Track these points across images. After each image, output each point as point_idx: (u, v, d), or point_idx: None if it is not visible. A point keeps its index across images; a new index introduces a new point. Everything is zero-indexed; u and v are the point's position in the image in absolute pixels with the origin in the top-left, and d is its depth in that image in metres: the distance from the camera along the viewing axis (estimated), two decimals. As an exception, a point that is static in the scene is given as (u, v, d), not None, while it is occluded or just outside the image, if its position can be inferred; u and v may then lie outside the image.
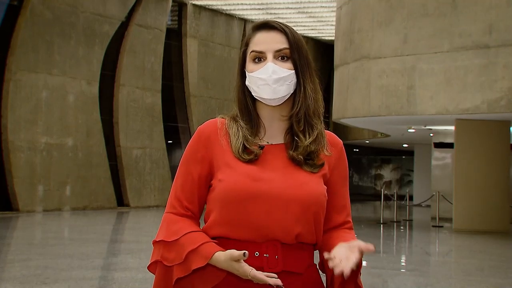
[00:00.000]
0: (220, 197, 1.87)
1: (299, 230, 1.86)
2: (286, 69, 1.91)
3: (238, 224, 1.84)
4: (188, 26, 23.65)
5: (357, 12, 14.82)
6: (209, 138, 1.94)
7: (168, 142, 23.08)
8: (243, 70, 1.98)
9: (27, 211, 17.45)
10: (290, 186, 1.87)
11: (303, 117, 1.93)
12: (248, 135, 1.92)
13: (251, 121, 1.96)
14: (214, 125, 1.97)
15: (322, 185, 1.92)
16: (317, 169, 1.92)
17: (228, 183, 1.86)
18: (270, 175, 1.88)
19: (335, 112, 16.07)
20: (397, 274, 8.58)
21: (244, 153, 1.90)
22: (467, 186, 14.76)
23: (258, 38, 1.94)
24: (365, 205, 28.99)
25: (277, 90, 1.90)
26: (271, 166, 1.90)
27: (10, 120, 17.32)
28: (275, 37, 1.93)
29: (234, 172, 1.88)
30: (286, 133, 1.96)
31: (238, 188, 1.85)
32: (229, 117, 1.99)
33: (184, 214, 1.93)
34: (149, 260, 1.94)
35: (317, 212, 1.88)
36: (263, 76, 1.90)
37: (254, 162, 1.90)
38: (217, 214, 1.88)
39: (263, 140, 1.95)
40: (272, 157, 1.92)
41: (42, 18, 17.95)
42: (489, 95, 12.74)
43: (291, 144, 1.93)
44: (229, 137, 1.93)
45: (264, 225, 1.83)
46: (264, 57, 1.93)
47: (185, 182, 1.94)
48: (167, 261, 1.87)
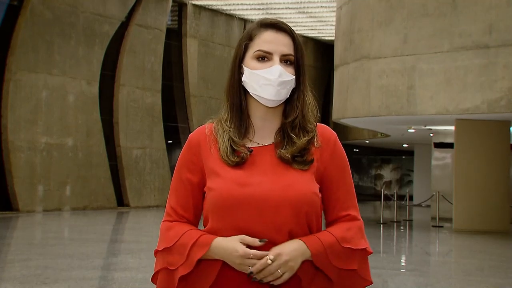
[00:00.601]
0: (211, 205, 1.88)
1: (291, 231, 1.85)
2: (290, 74, 1.92)
3: (231, 230, 1.84)
4: (188, 26, 23.66)
5: (357, 12, 14.82)
6: (199, 146, 1.95)
7: (168, 142, 23.08)
8: (240, 65, 1.97)
9: (27, 211, 17.45)
10: (279, 188, 1.85)
11: (298, 123, 1.93)
12: (235, 137, 1.91)
13: (241, 119, 1.94)
14: (202, 132, 1.97)
15: (313, 183, 1.90)
16: (307, 166, 1.90)
17: (216, 191, 1.87)
18: (258, 179, 1.87)
19: (335, 112, 16.07)
20: (397, 274, 8.58)
21: (232, 155, 1.89)
22: (467, 186, 14.76)
23: (266, 37, 1.93)
24: (365, 205, 28.98)
25: (279, 92, 1.90)
26: (259, 169, 1.89)
27: (10, 120, 17.32)
28: (283, 40, 1.93)
29: (221, 179, 1.88)
30: (277, 133, 1.95)
31: (226, 195, 1.85)
32: (216, 121, 1.99)
33: (178, 221, 1.94)
34: (149, 261, 1.95)
35: (308, 212, 1.87)
36: (270, 77, 1.89)
37: (242, 166, 1.89)
38: (211, 221, 1.89)
39: (252, 142, 1.94)
40: (261, 159, 1.91)
41: (42, 18, 17.95)
42: (489, 95, 12.74)
43: (281, 144, 1.92)
44: (217, 143, 1.93)
45: (256, 229, 1.83)
46: (270, 57, 1.92)
47: (179, 191, 1.95)
48: (172, 265, 1.88)
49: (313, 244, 1.85)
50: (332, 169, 1.96)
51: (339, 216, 1.96)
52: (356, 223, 1.96)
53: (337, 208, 1.96)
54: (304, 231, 1.87)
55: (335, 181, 1.96)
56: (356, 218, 1.97)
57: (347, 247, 1.88)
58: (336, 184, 1.96)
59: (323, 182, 1.94)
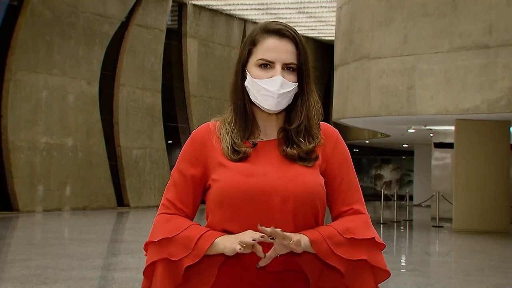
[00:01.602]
0: (217, 196, 1.87)
1: (297, 223, 1.85)
2: (292, 82, 1.91)
3: (236, 222, 1.84)
4: (188, 26, 23.66)
5: (357, 12, 14.82)
6: (204, 141, 1.95)
7: (168, 142, 23.08)
8: (243, 69, 1.96)
9: (27, 211, 17.45)
10: (285, 178, 1.86)
11: (304, 128, 1.93)
12: (237, 139, 1.92)
13: (246, 121, 1.95)
14: (207, 129, 1.98)
15: (317, 176, 1.90)
16: (312, 162, 1.91)
17: (223, 182, 1.86)
18: (264, 170, 1.87)
19: (335, 112, 16.07)
20: (397, 274, 8.58)
21: (233, 154, 1.90)
22: (467, 186, 14.75)
23: (268, 45, 1.92)
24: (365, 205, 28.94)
25: (280, 103, 1.91)
26: (264, 161, 1.90)
27: (10, 120, 17.32)
28: (286, 47, 1.91)
29: (227, 170, 1.88)
30: (279, 130, 1.96)
31: (233, 185, 1.85)
32: (220, 121, 1.99)
33: (178, 214, 1.93)
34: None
35: (314, 202, 1.87)
36: (271, 89, 1.88)
37: (247, 159, 1.89)
38: (215, 213, 1.88)
39: (258, 138, 1.95)
40: (265, 153, 1.92)
41: (42, 18, 17.95)
42: (489, 95, 12.74)
43: (285, 142, 1.93)
44: (220, 141, 1.94)
45: (262, 220, 1.81)
46: (272, 66, 1.91)
47: (179, 185, 1.94)
48: (174, 256, 1.85)
49: (311, 233, 1.84)
50: (334, 164, 1.96)
51: (342, 210, 1.95)
52: (360, 216, 1.94)
53: (340, 203, 1.96)
54: (309, 222, 1.87)
55: (338, 176, 1.96)
56: (360, 212, 1.95)
57: (350, 237, 1.85)
58: (339, 179, 1.96)
59: (326, 176, 1.94)
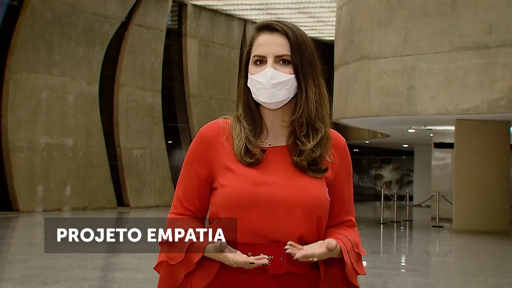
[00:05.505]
0: (223, 202, 1.86)
1: (302, 233, 1.85)
2: (286, 74, 1.89)
3: (241, 229, 1.84)
4: (188, 26, 23.65)
5: (357, 12, 14.81)
6: (211, 140, 1.93)
7: (168, 142, 23.07)
8: (246, 70, 1.96)
9: (27, 211, 17.44)
10: (293, 190, 1.86)
11: (305, 122, 1.91)
12: (251, 136, 1.91)
13: (254, 121, 1.94)
14: (216, 127, 1.95)
15: (324, 188, 1.91)
16: (321, 174, 1.91)
17: (230, 188, 1.85)
18: (272, 179, 1.86)
19: (335, 112, 16.07)
20: (397, 274, 8.58)
21: (246, 155, 1.88)
22: (467, 186, 14.75)
23: (260, 41, 1.92)
24: (365, 205, 28.98)
25: (275, 94, 1.88)
26: (273, 169, 1.89)
27: (10, 120, 17.32)
28: (277, 40, 1.90)
29: (235, 176, 1.86)
30: (289, 135, 1.94)
31: (240, 193, 1.84)
32: (233, 117, 1.98)
33: (184, 214, 1.94)
34: (149, 261, 1.95)
35: (320, 215, 1.88)
36: (262, 80, 1.88)
37: (256, 165, 1.88)
38: (220, 217, 1.88)
39: (265, 142, 1.93)
40: (275, 160, 1.91)
41: (42, 18, 17.95)
42: (489, 95, 12.73)
43: (294, 148, 1.91)
44: (232, 138, 1.92)
45: (267, 230, 1.83)
46: (265, 60, 1.91)
47: (186, 184, 1.94)
48: (172, 260, 1.88)
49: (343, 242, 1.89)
50: (341, 174, 1.97)
51: (343, 220, 1.99)
52: (356, 229, 2.00)
53: (343, 212, 1.99)
54: (313, 235, 1.88)
55: (345, 187, 1.99)
56: (355, 225, 2.02)
57: (356, 252, 1.92)
58: (345, 191, 1.99)
59: (332, 186, 1.95)
